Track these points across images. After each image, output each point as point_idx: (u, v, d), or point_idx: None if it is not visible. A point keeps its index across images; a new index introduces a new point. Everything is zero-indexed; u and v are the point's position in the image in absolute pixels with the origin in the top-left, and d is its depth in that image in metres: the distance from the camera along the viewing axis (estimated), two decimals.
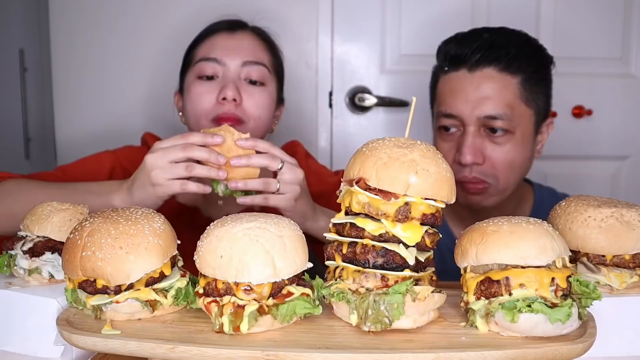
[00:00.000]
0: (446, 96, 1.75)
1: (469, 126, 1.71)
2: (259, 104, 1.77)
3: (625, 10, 2.62)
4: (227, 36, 1.82)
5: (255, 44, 1.83)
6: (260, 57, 1.81)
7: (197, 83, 1.77)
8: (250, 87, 1.77)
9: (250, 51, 1.80)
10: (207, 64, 1.77)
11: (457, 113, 1.72)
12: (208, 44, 1.81)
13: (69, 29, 2.54)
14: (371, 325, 0.96)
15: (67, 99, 2.58)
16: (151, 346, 0.92)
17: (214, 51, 1.78)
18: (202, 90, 1.76)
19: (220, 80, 1.76)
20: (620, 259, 1.07)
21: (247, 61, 1.77)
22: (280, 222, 1.01)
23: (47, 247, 1.15)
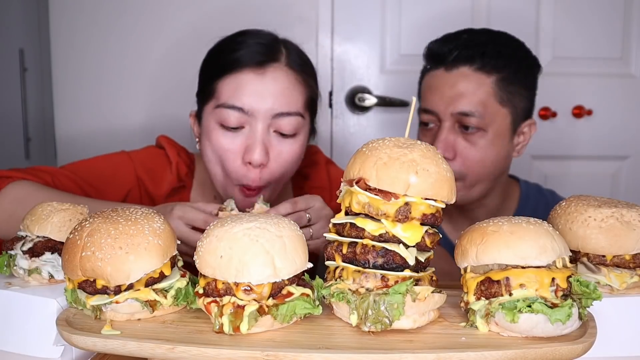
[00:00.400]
0: (425, 93, 1.84)
1: (444, 122, 1.78)
2: (288, 160, 1.61)
3: (625, 10, 2.62)
4: (256, 77, 1.56)
5: (288, 84, 1.59)
6: (293, 103, 1.59)
7: (220, 134, 1.58)
8: (280, 142, 1.59)
9: (282, 99, 1.57)
10: (231, 112, 1.55)
11: (434, 109, 1.80)
12: (233, 84, 1.57)
13: (69, 29, 2.54)
14: (371, 325, 0.96)
15: (67, 99, 2.58)
16: (151, 346, 0.92)
17: (240, 98, 1.55)
18: (227, 144, 1.58)
19: (247, 134, 1.57)
20: (621, 259, 1.07)
21: (279, 113, 1.56)
22: (280, 222, 1.01)
23: (47, 247, 1.15)
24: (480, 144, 1.77)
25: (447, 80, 1.77)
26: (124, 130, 2.59)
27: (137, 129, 2.58)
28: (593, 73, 2.65)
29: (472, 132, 1.76)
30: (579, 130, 2.68)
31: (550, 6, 2.61)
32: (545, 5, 2.61)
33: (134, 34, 2.55)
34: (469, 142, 1.77)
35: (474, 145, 1.77)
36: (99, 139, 2.57)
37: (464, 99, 1.75)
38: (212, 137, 1.60)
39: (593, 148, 2.70)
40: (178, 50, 2.53)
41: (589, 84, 2.66)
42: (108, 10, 2.53)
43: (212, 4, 2.47)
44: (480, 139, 1.77)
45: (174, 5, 2.53)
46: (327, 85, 2.63)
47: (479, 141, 1.77)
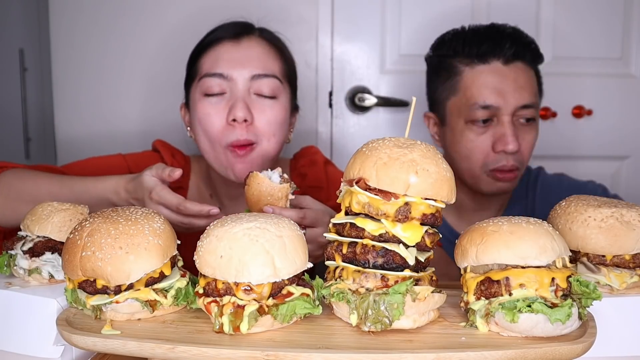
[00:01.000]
0: (480, 88, 1.79)
1: (504, 116, 1.78)
2: (272, 120, 1.66)
3: (625, 10, 2.62)
4: (232, 46, 1.68)
5: (263, 52, 1.70)
6: (270, 67, 1.68)
7: (204, 102, 1.66)
8: (261, 102, 1.65)
9: (258, 62, 1.67)
10: (212, 80, 1.64)
11: (495, 104, 1.77)
12: (212, 56, 1.68)
13: (69, 29, 2.53)
14: (371, 325, 0.96)
15: (67, 99, 2.58)
16: (151, 346, 0.92)
17: (219, 65, 1.65)
18: (210, 110, 1.65)
19: (229, 98, 1.65)
20: (621, 259, 1.07)
21: (256, 74, 1.65)
22: (280, 222, 1.01)
23: (47, 247, 1.15)
24: (533, 133, 1.85)
25: (507, 74, 1.79)
26: (124, 130, 2.59)
27: (137, 128, 2.58)
28: (593, 73, 2.65)
29: (529, 122, 1.83)
30: (579, 130, 2.68)
31: (551, 6, 2.61)
32: (545, 5, 2.61)
33: (134, 34, 2.54)
34: (526, 133, 1.83)
35: (529, 135, 1.84)
36: (99, 139, 2.56)
37: (525, 91, 1.79)
38: (197, 108, 1.67)
39: (593, 148, 2.70)
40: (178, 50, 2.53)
41: (589, 84, 2.65)
42: (108, 10, 2.53)
43: (211, 4, 2.47)
44: (533, 129, 1.85)
45: (173, 5, 2.53)
46: (327, 85, 2.63)
47: (532, 131, 1.85)
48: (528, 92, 1.79)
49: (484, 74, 1.80)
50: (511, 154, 1.78)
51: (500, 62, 1.79)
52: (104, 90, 2.58)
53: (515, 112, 1.79)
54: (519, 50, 1.80)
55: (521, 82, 1.79)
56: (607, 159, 2.73)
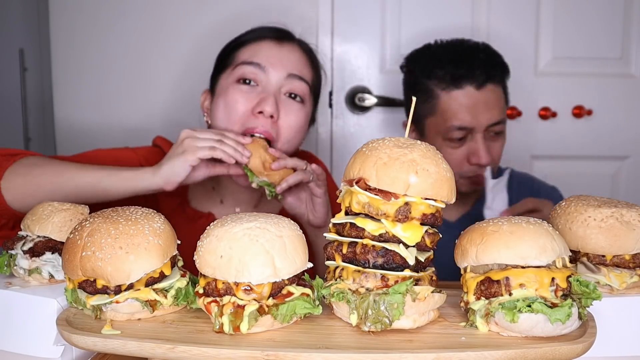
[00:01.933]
0: (457, 112, 1.97)
1: (477, 133, 1.97)
2: (294, 123, 1.69)
3: (625, 10, 2.62)
4: (274, 45, 1.72)
5: (301, 58, 1.74)
6: (304, 73, 1.73)
7: (236, 88, 1.68)
8: (290, 103, 1.69)
9: (296, 64, 1.71)
10: (249, 67, 1.67)
11: (470, 125, 1.96)
12: (252, 49, 1.71)
13: (69, 29, 2.54)
14: (371, 325, 0.96)
15: (67, 99, 2.58)
16: (151, 346, 0.92)
17: (259, 57, 1.69)
18: (240, 97, 1.66)
19: (261, 90, 1.67)
20: (620, 259, 1.08)
21: (292, 74, 1.69)
22: (280, 222, 1.01)
23: (47, 247, 1.15)
24: (500, 142, 2.05)
25: (480, 98, 1.96)
26: (124, 130, 2.59)
27: (136, 128, 2.58)
28: (593, 73, 2.65)
29: (498, 135, 2.02)
30: (579, 130, 2.68)
31: (551, 6, 2.61)
32: (545, 5, 2.61)
33: (134, 34, 2.55)
34: (495, 143, 2.02)
35: (498, 144, 2.04)
36: (99, 138, 2.57)
37: (495, 111, 1.98)
38: (228, 94, 1.69)
39: (593, 148, 2.70)
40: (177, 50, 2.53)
41: (589, 84, 2.66)
42: (108, 10, 2.53)
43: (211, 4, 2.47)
44: (501, 138, 2.04)
45: (173, 5, 2.53)
46: (327, 85, 2.63)
47: (499, 140, 2.04)
48: (497, 110, 1.98)
49: (459, 98, 1.97)
50: (487, 165, 1.96)
51: (473, 87, 1.96)
52: (104, 90, 2.58)
53: (487, 129, 1.98)
54: (490, 74, 1.97)
55: (491, 104, 1.97)
56: (607, 159, 2.73)
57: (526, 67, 2.61)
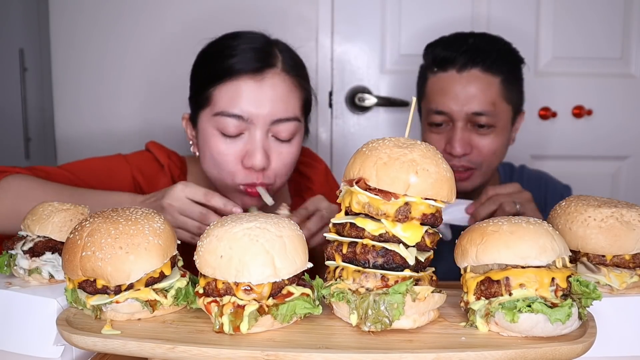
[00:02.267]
0: (436, 95, 1.91)
1: (457, 121, 1.88)
2: (287, 162, 1.63)
3: (625, 10, 2.62)
4: (254, 84, 1.56)
5: (285, 90, 1.59)
6: (291, 109, 1.60)
7: (219, 140, 1.59)
8: (278, 146, 1.61)
9: (281, 104, 1.58)
10: (230, 120, 1.56)
11: (447, 110, 1.88)
12: (231, 91, 1.57)
13: (69, 29, 2.54)
14: (371, 325, 0.96)
15: (67, 99, 2.58)
16: (151, 346, 0.92)
17: (239, 105, 1.56)
18: (225, 149, 1.59)
19: (246, 140, 1.58)
20: (620, 259, 1.07)
21: (277, 120, 1.58)
22: (280, 222, 1.01)
23: (47, 247, 1.15)
24: (491, 137, 1.91)
25: (460, 81, 1.87)
26: (124, 130, 2.59)
27: (136, 128, 2.58)
28: (593, 73, 2.65)
29: (484, 128, 1.89)
30: (579, 130, 2.68)
31: (551, 6, 2.61)
32: (545, 5, 2.61)
33: (134, 34, 2.54)
34: (482, 136, 1.90)
35: (487, 138, 1.91)
36: (98, 139, 2.57)
37: (476, 99, 1.86)
38: (211, 144, 1.61)
39: (593, 148, 2.70)
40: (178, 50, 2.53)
41: (589, 84, 2.66)
42: (108, 10, 2.53)
43: (212, 4, 2.47)
44: (491, 134, 1.91)
45: (173, 6, 2.53)
46: (327, 85, 2.63)
47: (490, 135, 1.91)
48: (479, 100, 1.86)
49: (441, 81, 1.90)
50: (459, 156, 1.88)
51: (455, 70, 1.88)
52: (104, 90, 2.58)
53: (470, 119, 1.87)
54: (473, 58, 1.86)
55: (473, 90, 1.86)
56: (607, 159, 2.73)
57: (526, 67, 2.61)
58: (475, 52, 1.87)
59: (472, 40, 1.91)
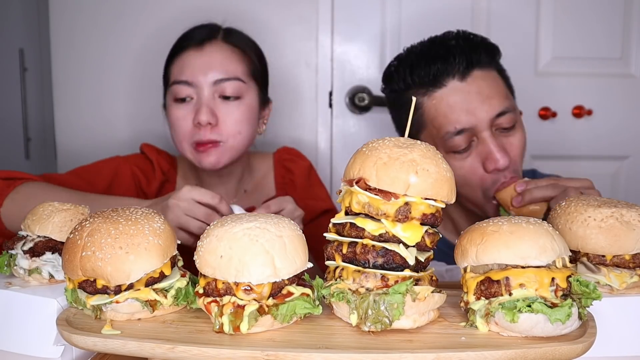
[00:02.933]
0: (446, 116, 1.66)
1: (482, 132, 1.66)
2: (237, 120, 1.78)
3: (625, 10, 2.62)
4: (196, 53, 1.79)
5: (226, 56, 1.80)
6: (232, 70, 1.79)
7: (174, 107, 1.79)
8: (225, 105, 1.77)
9: (221, 67, 1.77)
10: (180, 87, 1.77)
11: (470, 124, 1.65)
12: (179, 64, 1.80)
13: (69, 29, 2.53)
14: (371, 325, 0.96)
15: (67, 99, 2.58)
16: (151, 346, 0.92)
17: (184, 72, 1.77)
18: (179, 114, 1.78)
19: (195, 103, 1.77)
20: (620, 259, 1.08)
21: (218, 79, 1.76)
22: (280, 222, 1.01)
23: (47, 247, 1.15)
24: (517, 135, 1.72)
25: (470, 89, 1.65)
26: (124, 130, 2.59)
27: (136, 129, 2.58)
28: (593, 73, 2.65)
29: (510, 127, 1.69)
30: (579, 130, 2.68)
31: (550, 6, 2.61)
32: (545, 5, 2.61)
33: (134, 35, 2.54)
34: (511, 138, 1.70)
35: (515, 138, 1.71)
36: (99, 139, 2.56)
37: (494, 99, 1.66)
38: (170, 112, 1.81)
39: (593, 148, 2.70)
40: None
41: (589, 84, 2.65)
42: (108, 10, 2.53)
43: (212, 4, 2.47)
44: (516, 132, 1.71)
45: (174, 6, 2.53)
46: (327, 85, 2.63)
47: (515, 134, 1.71)
48: (497, 99, 1.66)
49: (445, 99, 1.66)
50: (506, 167, 1.66)
51: (456, 79, 1.66)
52: (104, 90, 2.58)
53: (493, 124, 1.66)
54: (471, 57, 1.66)
55: (486, 92, 1.65)
56: (607, 159, 2.73)
57: (526, 67, 2.61)
58: (467, 52, 1.67)
59: (454, 42, 1.71)
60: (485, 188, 1.70)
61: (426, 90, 1.69)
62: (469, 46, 1.69)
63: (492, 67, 1.71)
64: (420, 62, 1.70)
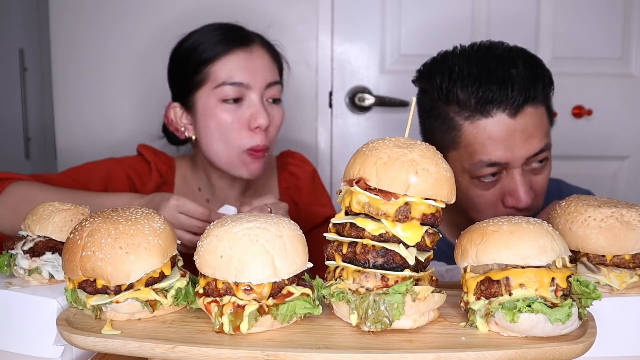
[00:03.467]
0: (486, 145, 1.56)
1: (514, 169, 1.59)
2: (278, 123, 1.81)
3: (625, 10, 2.62)
4: (245, 55, 1.75)
5: (270, 61, 1.81)
6: (276, 75, 1.81)
7: (224, 109, 1.73)
8: (273, 108, 1.79)
9: (270, 71, 1.78)
10: (232, 88, 1.72)
11: (504, 160, 1.57)
12: (226, 65, 1.73)
13: (69, 29, 2.54)
14: (371, 325, 0.96)
15: (67, 99, 2.58)
16: (151, 346, 0.92)
17: (237, 74, 1.73)
18: (230, 117, 1.73)
19: (248, 104, 1.74)
20: (620, 259, 1.07)
21: (270, 83, 1.77)
22: (280, 222, 1.01)
23: (47, 247, 1.15)
24: (546, 171, 1.66)
25: (516, 126, 1.54)
26: (124, 130, 2.59)
27: (136, 129, 2.58)
28: (593, 73, 2.65)
29: (542, 165, 1.63)
30: (579, 130, 2.68)
31: (550, 6, 2.61)
32: (545, 5, 2.61)
33: (134, 34, 2.54)
34: (539, 175, 1.64)
35: (543, 175, 1.65)
36: (99, 139, 2.57)
37: (535, 139, 1.57)
38: (217, 114, 1.74)
39: (593, 148, 2.70)
40: None
41: (589, 84, 2.66)
42: (108, 10, 2.53)
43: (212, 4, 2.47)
44: (546, 167, 1.65)
45: (174, 7, 2.53)
46: (327, 85, 2.63)
47: (545, 170, 1.65)
48: (539, 138, 1.57)
49: (487, 130, 1.55)
50: (526, 207, 1.59)
51: (506, 114, 1.54)
52: (104, 90, 2.58)
53: (527, 161, 1.59)
54: (529, 94, 1.54)
55: (531, 130, 1.55)
56: (607, 159, 2.73)
57: None
58: (528, 88, 1.53)
59: (515, 71, 1.54)
60: (496, 213, 1.64)
61: (470, 114, 1.57)
62: (531, 78, 1.56)
63: (544, 103, 1.61)
64: (471, 81, 1.56)
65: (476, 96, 1.54)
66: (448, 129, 1.61)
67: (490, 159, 1.57)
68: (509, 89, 1.52)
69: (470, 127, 1.57)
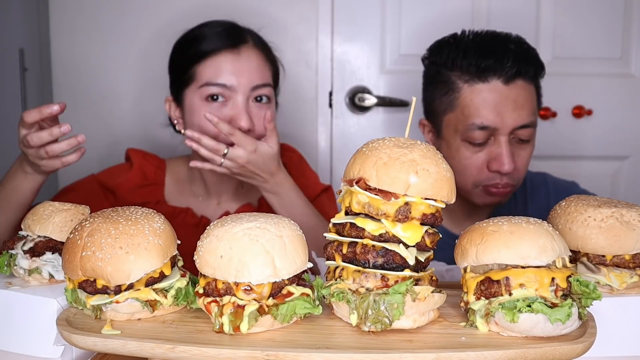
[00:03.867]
0: (478, 108, 1.76)
1: (501, 136, 1.77)
2: (263, 122, 1.78)
3: (625, 10, 2.62)
4: (233, 57, 1.76)
5: (260, 62, 1.80)
6: (266, 77, 1.80)
7: (206, 107, 1.75)
8: (258, 108, 1.78)
9: (258, 73, 1.78)
10: (215, 88, 1.74)
11: (495, 125, 1.75)
12: (213, 66, 1.76)
13: (69, 29, 2.54)
14: (371, 325, 0.96)
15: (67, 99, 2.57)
16: (151, 346, 0.92)
17: (222, 76, 1.75)
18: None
19: (231, 106, 1.75)
20: (620, 259, 1.08)
21: (256, 85, 1.77)
22: (280, 222, 1.01)
23: (47, 247, 1.15)
24: (528, 150, 1.83)
25: (508, 94, 1.75)
26: (124, 130, 2.59)
27: (136, 129, 2.58)
28: (593, 73, 2.65)
29: (524, 142, 1.81)
30: (579, 130, 2.68)
31: (550, 6, 2.61)
32: (545, 5, 2.61)
33: (135, 34, 2.54)
34: (522, 151, 1.82)
35: (525, 152, 1.83)
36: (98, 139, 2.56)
37: (524, 112, 1.76)
38: (200, 112, 1.75)
39: (593, 148, 2.70)
40: None
41: (589, 84, 2.66)
42: (108, 10, 2.53)
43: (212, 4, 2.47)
44: (529, 146, 1.83)
45: (174, 7, 2.53)
46: (327, 85, 2.63)
47: (527, 148, 1.83)
48: (527, 112, 1.77)
49: (483, 94, 1.75)
50: (508, 172, 1.77)
51: (500, 81, 1.75)
52: (104, 90, 2.58)
53: (513, 132, 1.77)
54: (521, 67, 1.75)
55: (521, 102, 1.75)
56: (607, 159, 2.73)
57: None
58: (521, 61, 1.75)
59: (513, 47, 1.78)
60: (478, 181, 1.82)
61: (469, 79, 1.78)
62: (524, 56, 1.78)
63: (533, 82, 1.80)
64: (475, 51, 1.77)
65: (476, 64, 1.76)
66: (448, 92, 1.81)
67: (482, 123, 1.75)
68: (505, 60, 1.74)
69: (469, 90, 1.77)
